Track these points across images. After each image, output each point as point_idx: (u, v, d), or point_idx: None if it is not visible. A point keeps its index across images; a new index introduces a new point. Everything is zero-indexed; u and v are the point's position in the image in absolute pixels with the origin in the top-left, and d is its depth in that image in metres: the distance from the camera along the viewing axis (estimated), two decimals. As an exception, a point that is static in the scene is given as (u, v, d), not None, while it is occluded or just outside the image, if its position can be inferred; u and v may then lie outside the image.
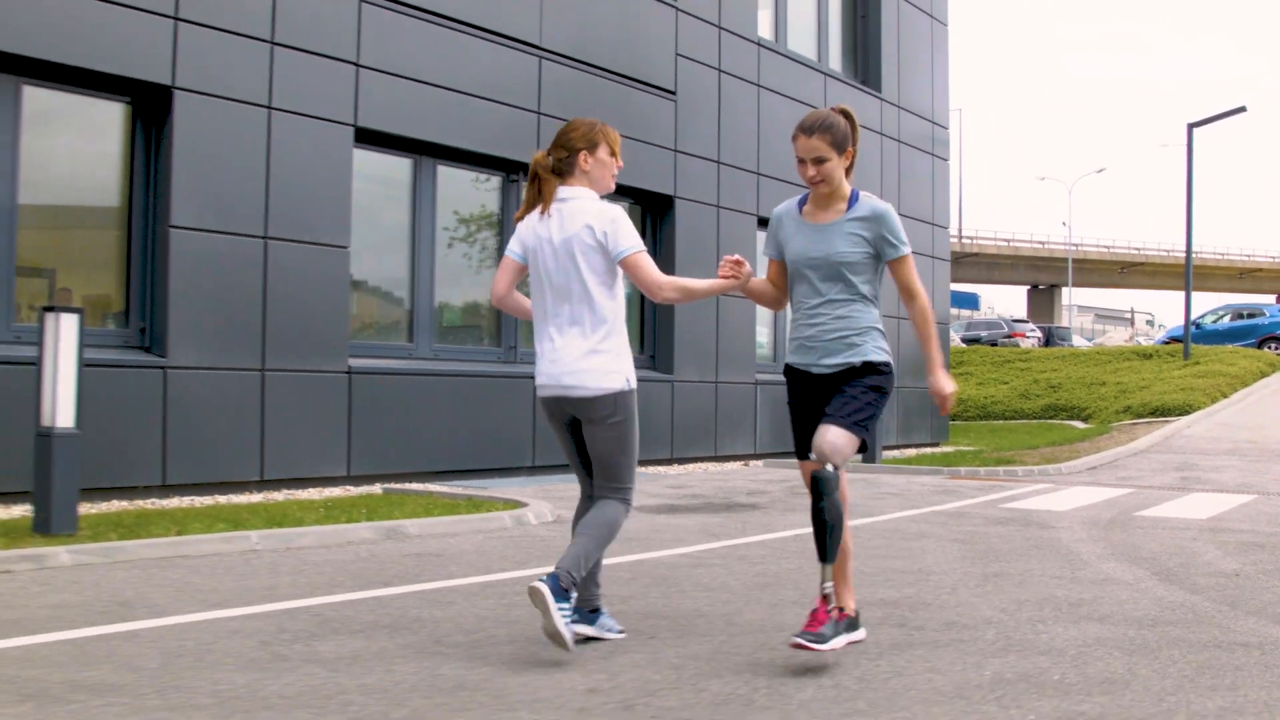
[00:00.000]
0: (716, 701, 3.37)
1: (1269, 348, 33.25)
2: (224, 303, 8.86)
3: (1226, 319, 36.04)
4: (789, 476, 11.92)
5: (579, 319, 3.94)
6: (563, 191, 4.02)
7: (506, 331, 11.44)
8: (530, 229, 4.04)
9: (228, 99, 8.89)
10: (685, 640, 4.18)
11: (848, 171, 4.03)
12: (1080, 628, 4.57)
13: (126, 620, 4.26)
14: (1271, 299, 79.00)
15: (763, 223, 14.58)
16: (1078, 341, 49.65)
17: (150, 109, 8.67)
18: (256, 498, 8.65)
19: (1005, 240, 74.02)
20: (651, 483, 10.86)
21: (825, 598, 3.83)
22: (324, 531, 6.30)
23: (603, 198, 4.09)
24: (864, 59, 17.28)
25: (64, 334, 6.21)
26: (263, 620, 4.31)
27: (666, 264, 12.44)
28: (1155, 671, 3.87)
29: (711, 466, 13.17)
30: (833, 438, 3.84)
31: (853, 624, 4.00)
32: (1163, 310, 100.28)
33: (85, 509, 7.03)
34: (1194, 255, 78.52)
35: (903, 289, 4.02)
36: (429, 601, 4.79)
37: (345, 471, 9.58)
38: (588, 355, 3.91)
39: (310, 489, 9.23)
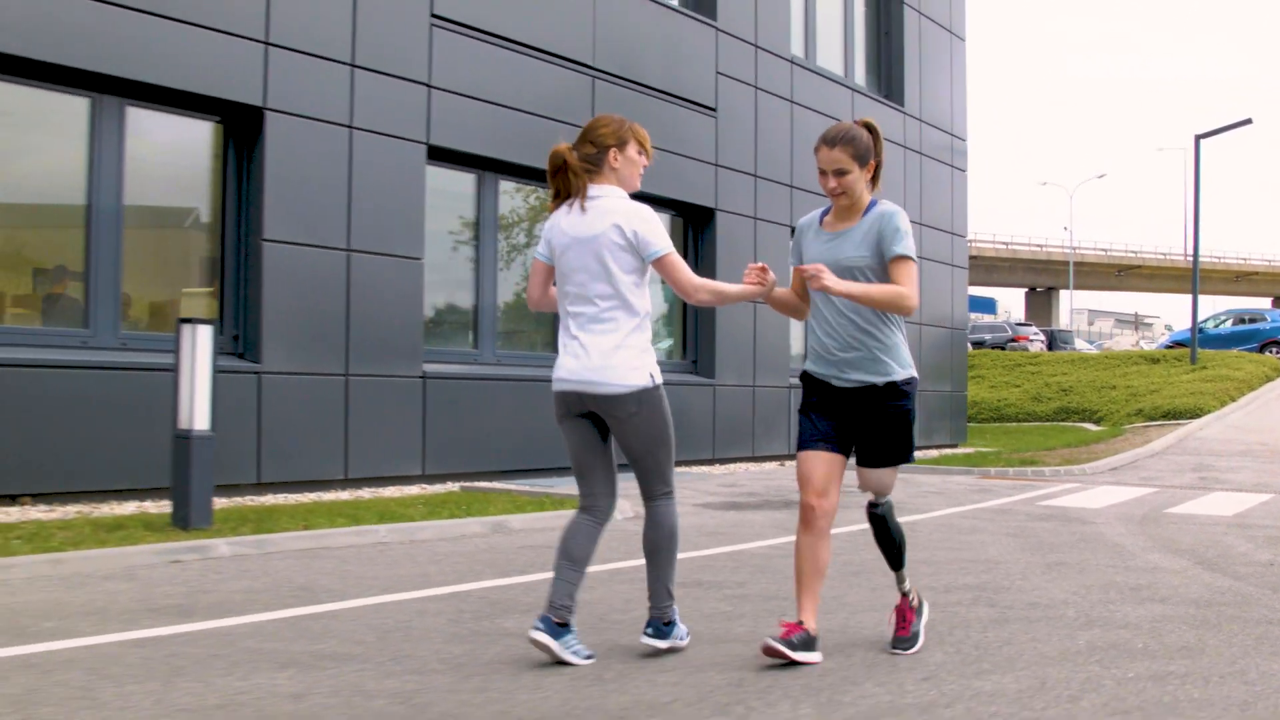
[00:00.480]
0: (867, 664, 3.97)
1: (1270, 352, 33.89)
2: (311, 312, 9.43)
3: (1229, 324, 36.66)
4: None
5: (604, 316, 3.91)
6: (591, 189, 3.98)
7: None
8: (557, 227, 4.02)
9: (313, 119, 9.46)
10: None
11: (872, 184, 4.06)
12: (1146, 607, 5.16)
13: (318, 603, 4.83)
14: (1267, 302, 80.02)
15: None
16: (1080, 345, 50.25)
17: (241, 128, 9.25)
18: (344, 495, 9.22)
19: (1004, 243, 74.75)
20: (703, 481, 11.45)
21: (905, 595, 4.23)
22: (440, 526, 6.88)
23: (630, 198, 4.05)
24: (887, 74, 17.88)
25: (199, 344, 6.77)
26: (439, 602, 4.89)
27: (707, 273, 13.02)
28: (1222, 641, 4.45)
29: (751, 466, 13.76)
30: (884, 478, 4.11)
31: (810, 642, 3.89)
32: (1158, 313, 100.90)
33: (144, 508, 7.61)
34: (1190, 258, 78.86)
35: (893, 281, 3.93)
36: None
37: (420, 470, 10.16)
38: (613, 352, 3.88)
39: (390, 487, 9.80)
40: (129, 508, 7.75)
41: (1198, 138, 25.56)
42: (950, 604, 5.12)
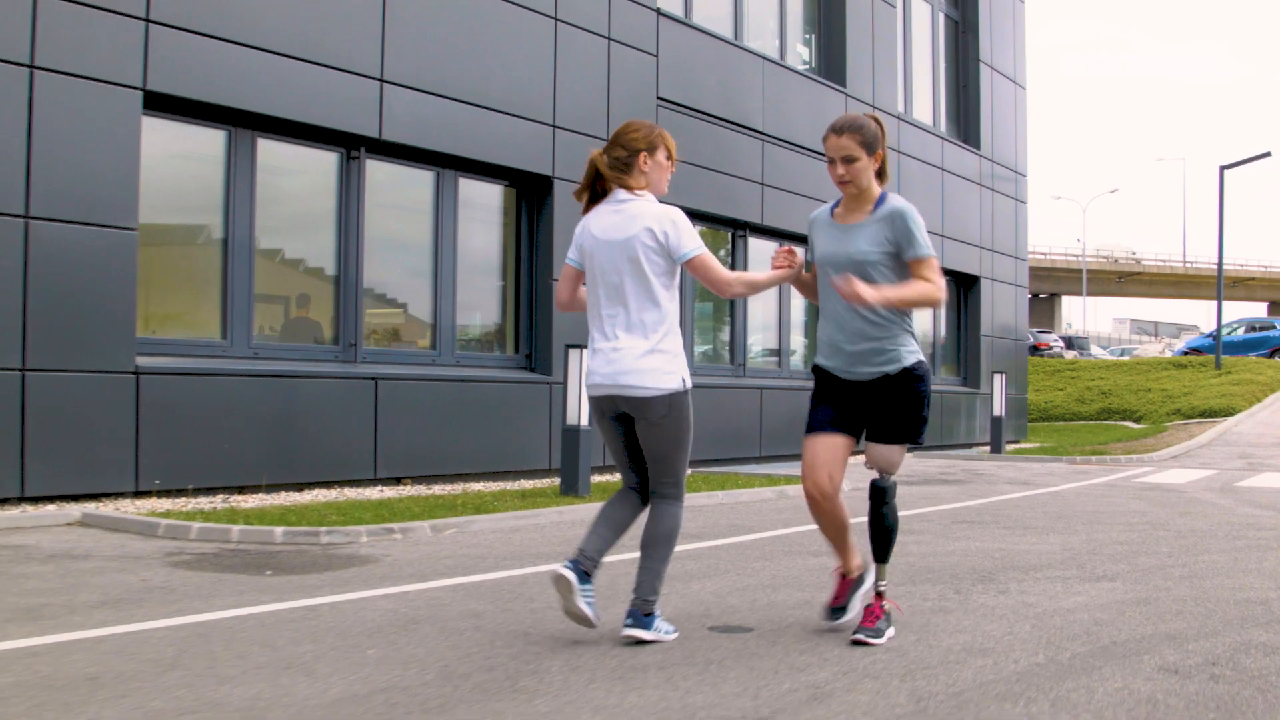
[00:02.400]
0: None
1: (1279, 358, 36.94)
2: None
3: (1240, 331, 39.63)
4: (906, 462, 15.36)
5: (637, 320, 3.98)
6: (620, 193, 4.07)
7: (737, 349, 14.86)
8: (587, 231, 4.11)
9: None
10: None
11: (879, 176, 4.13)
12: (1264, 532, 7.98)
13: (739, 534, 7.68)
14: (1263, 306, 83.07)
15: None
16: (1096, 351, 53.16)
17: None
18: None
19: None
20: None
21: (880, 594, 4.15)
22: (733, 493, 9.73)
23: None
24: (964, 121, 20.78)
25: (573, 364, 9.59)
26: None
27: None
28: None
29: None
30: (887, 453, 4.13)
31: (860, 581, 4.32)
32: (1161, 318, 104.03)
33: (523, 484, 10.50)
34: (1189, 265, 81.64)
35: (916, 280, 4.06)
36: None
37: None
38: (646, 355, 3.95)
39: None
40: (497, 486, 10.61)
41: (1222, 169, 28.58)
42: (1154, 530, 7.97)
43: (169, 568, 5.66)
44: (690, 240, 4.00)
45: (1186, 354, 38.26)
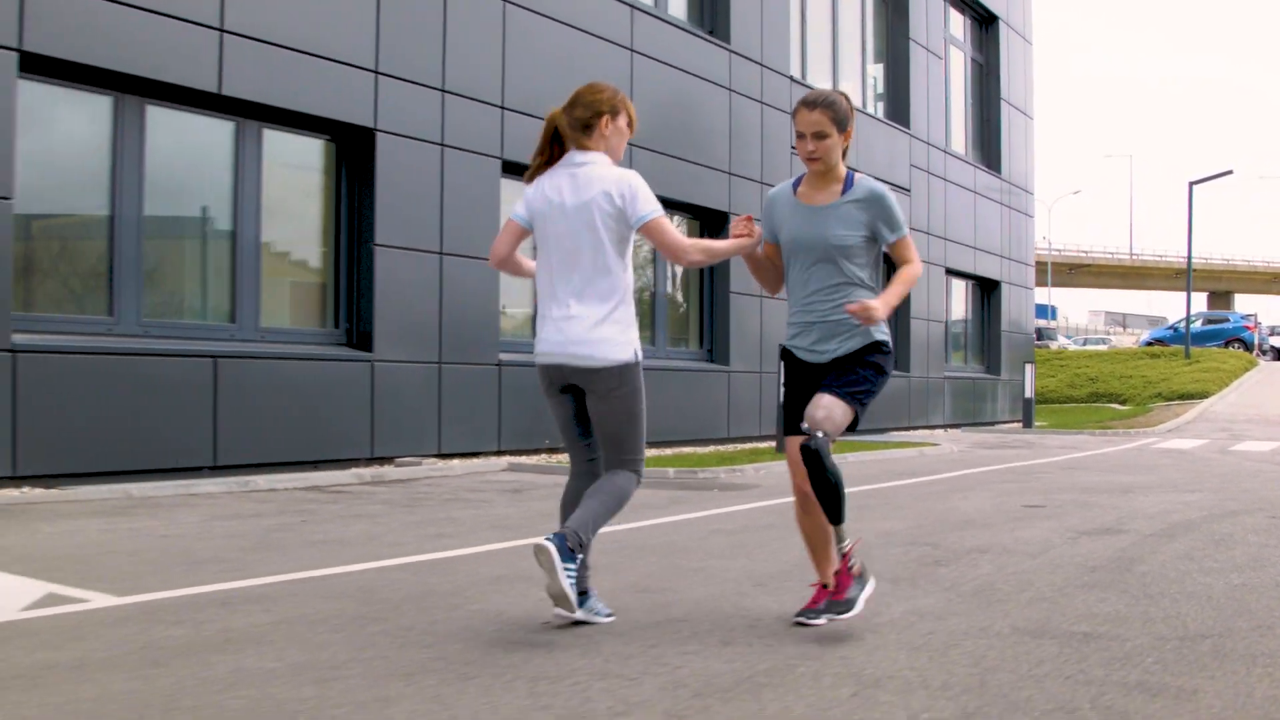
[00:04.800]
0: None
1: (1233, 347, 41.37)
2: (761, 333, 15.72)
3: (1198, 324, 44.05)
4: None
5: (590, 288, 3.85)
6: (578, 155, 3.91)
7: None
8: (540, 192, 3.94)
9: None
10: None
11: (844, 154, 3.97)
12: (1274, 471, 11.65)
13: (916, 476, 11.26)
14: (1204, 296, 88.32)
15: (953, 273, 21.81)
16: (1062, 341, 57.44)
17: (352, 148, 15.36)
18: (735, 448, 15.56)
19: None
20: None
21: (845, 555, 3.91)
22: (881, 453, 13.28)
23: None
24: (988, 148, 24.50)
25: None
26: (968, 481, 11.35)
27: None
28: (1315, 479, 11.03)
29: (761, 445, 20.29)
30: (827, 403, 3.81)
31: (862, 578, 3.98)
32: (1110, 308, 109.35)
33: (720, 448, 14.06)
34: (1135, 257, 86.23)
35: (900, 263, 3.99)
36: (1012, 474, 11.86)
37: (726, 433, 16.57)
38: (598, 325, 3.82)
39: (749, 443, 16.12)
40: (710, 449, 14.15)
41: (1191, 184, 32.64)
42: (1204, 469, 11.62)
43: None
44: (647, 204, 3.85)
45: (1150, 344, 42.60)
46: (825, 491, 3.79)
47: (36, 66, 8.20)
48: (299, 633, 3.80)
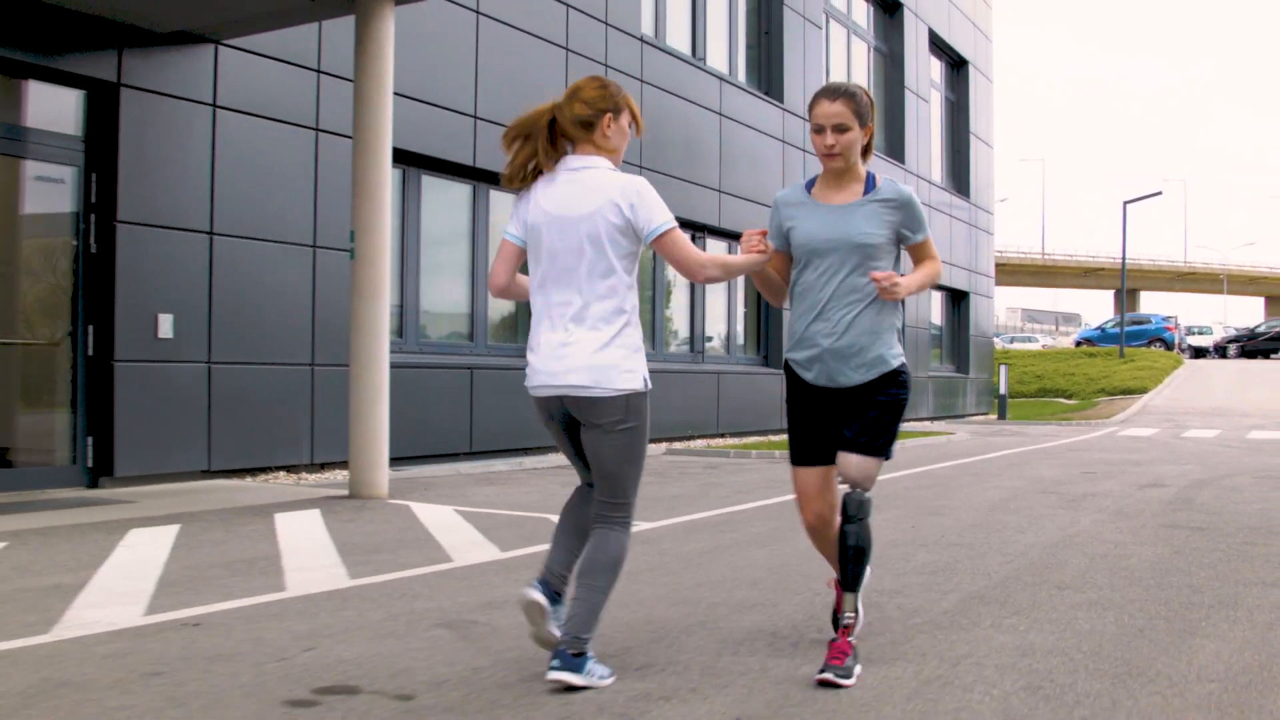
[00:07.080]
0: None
1: (1155, 346, 45.66)
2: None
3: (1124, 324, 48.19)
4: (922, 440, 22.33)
5: (592, 309, 3.44)
6: (575, 159, 3.52)
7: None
8: (535, 205, 3.52)
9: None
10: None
11: (865, 153, 3.78)
12: (1229, 450, 14.91)
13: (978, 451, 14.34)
14: (1110, 294, 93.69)
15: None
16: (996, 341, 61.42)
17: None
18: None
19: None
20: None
21: (846, 628, 3.65)
22: (911, 441, 16.31)
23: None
24: (959, 174, 27.85)
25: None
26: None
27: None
28: (1271, 450, 14.32)
29: (924, 424, 23.46)
30: (865, 466, 3.68)
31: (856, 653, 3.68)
32: (1024, 306, 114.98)
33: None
34: (1046, 257, 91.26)
35: (924, 259, 3.87)
36: (1044, 453, 15.00)
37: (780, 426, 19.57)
38: (602, 351, 3.42)
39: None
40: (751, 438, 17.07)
41: (1125, 203, 36.49)
42: (1178, 449, 14.85)
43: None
44: (660, 214, 3.44)
45: (1080, 344, 46.69)
46: (846, 554, 3.65)
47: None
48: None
